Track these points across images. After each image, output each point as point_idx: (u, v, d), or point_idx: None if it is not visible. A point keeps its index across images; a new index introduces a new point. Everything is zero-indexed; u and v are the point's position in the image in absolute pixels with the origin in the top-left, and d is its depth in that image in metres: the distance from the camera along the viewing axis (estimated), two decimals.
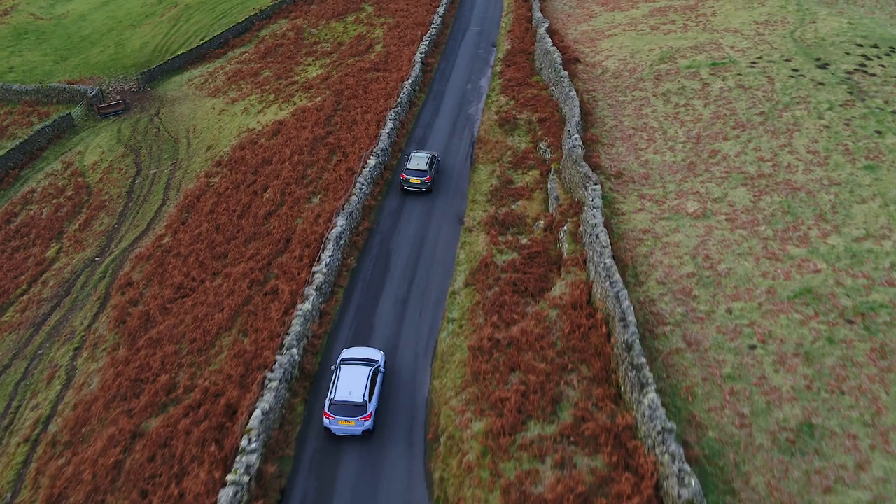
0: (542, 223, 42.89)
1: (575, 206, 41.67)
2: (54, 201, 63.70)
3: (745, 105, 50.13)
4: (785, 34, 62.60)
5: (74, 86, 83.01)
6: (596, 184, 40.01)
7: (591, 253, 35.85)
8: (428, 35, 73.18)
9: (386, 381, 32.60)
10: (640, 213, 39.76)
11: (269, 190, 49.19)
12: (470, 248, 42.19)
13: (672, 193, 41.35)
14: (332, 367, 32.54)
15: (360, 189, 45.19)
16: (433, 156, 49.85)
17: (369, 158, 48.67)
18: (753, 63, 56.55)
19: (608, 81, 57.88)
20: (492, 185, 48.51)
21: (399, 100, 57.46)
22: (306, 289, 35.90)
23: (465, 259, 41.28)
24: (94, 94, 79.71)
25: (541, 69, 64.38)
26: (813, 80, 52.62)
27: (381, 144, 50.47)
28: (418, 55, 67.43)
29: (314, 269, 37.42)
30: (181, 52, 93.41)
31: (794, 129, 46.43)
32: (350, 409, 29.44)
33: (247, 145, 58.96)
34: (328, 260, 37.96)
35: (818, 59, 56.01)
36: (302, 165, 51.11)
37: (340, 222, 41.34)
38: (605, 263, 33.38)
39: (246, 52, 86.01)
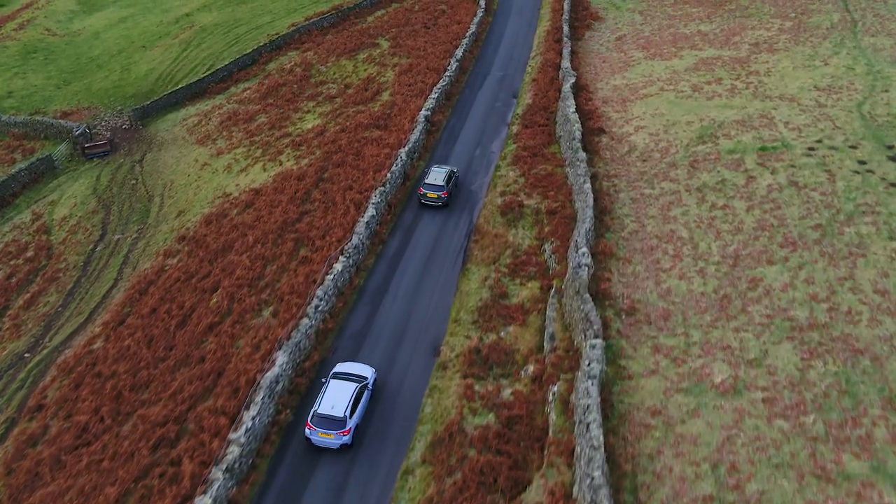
0: (531, 369, 34.45)
1: (572, 356, 33.14)
2: (12, 262, 57.35)
3: (797, 212, 40.87)
4: (851, 107, 52.95)
5: (63, 121, 76.88)
6: (597, 337, 31.41)
7: (579, 448, 27.34)
8: (440, 85, 64.97)
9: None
10: (652, 378, 31.02)
11: (218, 291, 41.59)
12: (439, 398, 33.94)
13: (696, 346, 32.49)
14: (323, 380, 34.00)
15: (317, 308, 37.26)
16: (451, 171, 50.66)
17: (336, 261, 40.74)
18: (811, 149, 47.13)
19: (634, 164, 48.97)
20: (481, 300, 40.16)
21: (389, 174, 49.45)
22: (213, 470, 28.08)
23: (429, 416, 33.05)
24: (80, 133, 73.45)
25: (560, 137, 55.73)
26: (884, 178, 43.11)
27: (354, 240, 42.51)
28: (423, 112, 59.30)
29: (231, 435, 29.60)
30: (185, 82, 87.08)
31: (859, 253, 37.12)
32: (331, 422, 30.66)
33: (215, 218, 51.59)
34: (252, 423, 30.12)
35: (890, 148, 46.40)
36: (262, 261, 43.44)
37: (281, 360, 33.49)
38: (592, 478, 24.86)
39: (248, 89, 78.97)
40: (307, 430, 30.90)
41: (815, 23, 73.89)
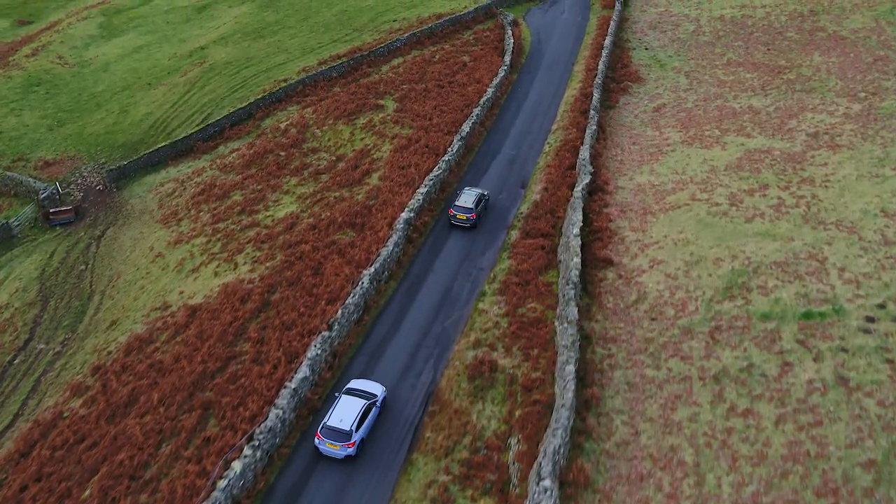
0: None
1: None
2: None
3: (843, 434, 30.60)
4: None
5: (32, 180, 70.27)
6: None
7: None
8: (435, 173, 55.85)
9: None
10: None
11: (94, 480, 33.28)
12: None
13: None
14: (336, 394, 36.16)
15: None
16: (482, 194, 53.09)
17: (236, 457, 31.98)
18: (870, 319, 36.66)
19: (640, 323, 39.06)
20: None
21: (341, 311, 40.57)
22: None
23: None
24: (46, 196, 66.57)
25: (560, 262, 46.09)
26: None
27: (271, 419, 33.73)
28: (406, 214, 50.27)
29: None
30: (179, 131, 80.00)
31: None
32: (338, 434, 32.87)
33: (139, 346, 43.55)
34: None
35: None
36: (157, 435, 35.01)
37: None
38: None
39: (236, 151, 71.17)
40: (316, 440, 33.39)
41: (888, 109, 62.45)
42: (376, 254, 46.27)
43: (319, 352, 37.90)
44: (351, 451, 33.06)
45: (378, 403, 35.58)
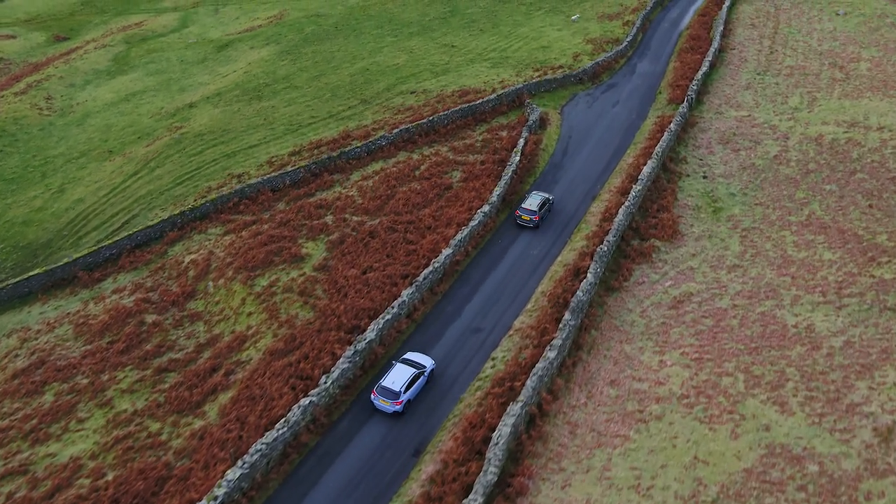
0: None
1: None
2: None
3: None
4: None
5: None
6: None
7: None
8: (268, 440, 37.60)
9: None
10: None
11: None
12: None
13: None
14: (393, 361, 42.75)
15: None
16: (547, 198, 58.25)
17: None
18: None
19: None
20: None
21: None
22: None
23: None
24: None
25: None
26: None
27: None
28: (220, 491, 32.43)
29: None
30: (96, 233, 65.82)
31: None
32: (389, 393, 39.82)
33: None
34: None
35: None
36: None
37: None
38: None
39: (119, 293, 55.78)
40: (372, 396, 40.35)
41: None
42: None
43: None
44: (398, 408, 39.42)
45: (426, 374, 41.73)
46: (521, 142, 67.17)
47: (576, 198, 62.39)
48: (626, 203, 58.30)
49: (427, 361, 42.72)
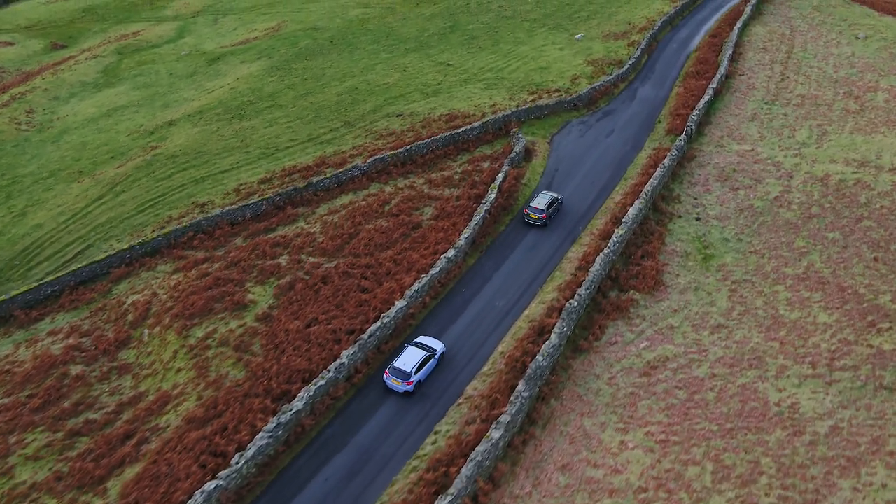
0: None
1: None
2: None
3: None
4: None
5: None
6: None
7: None
8: None
9: None
10: None
11: None
12: None
13: None
14: (406, 344, 44.97)
15: None
16: (555, 198, 59.05)
17: None
18: None
19: None
20: None
21: None
22: None
23: None
24: None
25: None
26: None
27: None
28: None
29: None
30: (36, 271, 62.26)
31: None
32: (400, 373, 41.92)
33: None
34: None
35: None
36: None
37: None
38: None
39: (53, 335, 52.04)
40: (384, 376, 42.55)
41: None
42: None
43: None
44: (409, 388, 41.97)
45: (436, 357, 44.04)
46: (500, 177, 62.48)
47: (552, 241, 57.56)
48: (606, 250, 53.49)
49: (438, 345, 45.00)
